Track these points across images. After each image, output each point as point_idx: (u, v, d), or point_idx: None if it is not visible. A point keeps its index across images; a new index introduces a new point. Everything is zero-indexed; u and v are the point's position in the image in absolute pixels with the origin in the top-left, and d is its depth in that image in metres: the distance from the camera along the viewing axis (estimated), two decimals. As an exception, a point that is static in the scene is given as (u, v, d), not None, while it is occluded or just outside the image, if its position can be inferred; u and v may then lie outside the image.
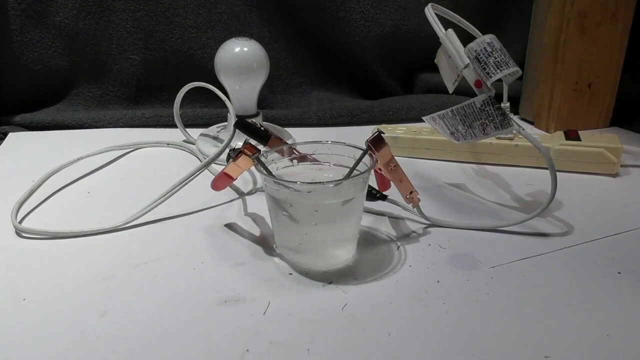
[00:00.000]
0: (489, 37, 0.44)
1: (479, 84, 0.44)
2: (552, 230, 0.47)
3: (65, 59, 0.79)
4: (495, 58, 0.43)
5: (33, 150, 0.68)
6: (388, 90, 0.91)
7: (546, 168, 0.45)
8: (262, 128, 0.51)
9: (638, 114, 0.77)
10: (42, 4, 0.76)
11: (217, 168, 0.51)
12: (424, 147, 0.65)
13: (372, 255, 0.43)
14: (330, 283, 0.39)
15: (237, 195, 0.55)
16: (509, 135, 0.62)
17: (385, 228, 0.48)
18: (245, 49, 0.63)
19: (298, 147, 0.44)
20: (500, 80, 0.44)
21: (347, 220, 0.40)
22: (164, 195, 0.50)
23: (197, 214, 0.50)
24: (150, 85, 0.84)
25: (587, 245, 0.45)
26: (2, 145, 0.70)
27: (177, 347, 0.33)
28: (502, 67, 0.43)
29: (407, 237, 0.46)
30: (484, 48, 0.43)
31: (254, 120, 0.62)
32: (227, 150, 0.56)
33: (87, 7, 0.78)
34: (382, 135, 0.41)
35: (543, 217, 0.49)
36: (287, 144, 0.48)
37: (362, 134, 0.47)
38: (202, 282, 0.39)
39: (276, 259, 0.42)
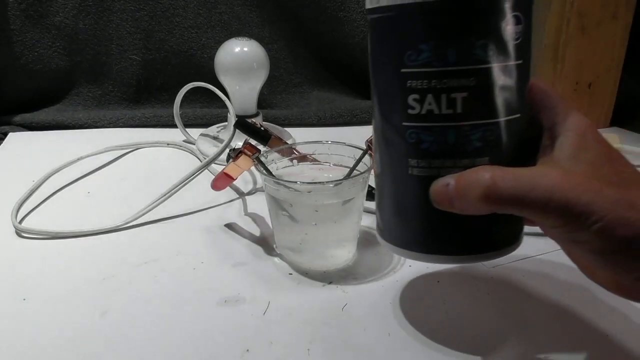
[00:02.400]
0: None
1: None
2: (552, 230, 0.47)
3: (65, 59, 0.80)
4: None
5: (33, 150, 0.68)
6: (388, 90, 0.90)
7: (546, 168, 0.45)
8: (262, 128, 0.51)
9: (638, 114, 0.77)
10: (42, 4, 0.76)
11: (217, 168, 0.51)
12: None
13: (372, 255, 0.43)
14: (330, 283, 0.39)
15: (237, 195, 0.55)
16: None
17: (385, 228, 0.47)
18: (245, 49, 0.63)
19: (298, 147, 0.44)
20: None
21: (347, 220, 0.40)
22: (164, 195, 0.50)
23: (197, 214, 0.50)
24: (150, 85, 0.84)
25: (587, 245, 0.45)
26: (2, 145, 0.70)
27: (178, 347, 0.33)
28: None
29: (407, 237, 0.46)
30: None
31: (254, 120, 0.62)
32: (227, 150, 0.56)
33: (87, 7, 0.78)
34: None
35: (543, 217, 0.49)
36: (287, 144, 0.48)
37: (362, 134, 0.47)
38: (202, 282, 0.39)
39: (276, 259, 0.42)
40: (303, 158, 0.44)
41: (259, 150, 0.42)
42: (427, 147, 0.27)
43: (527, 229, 0.47)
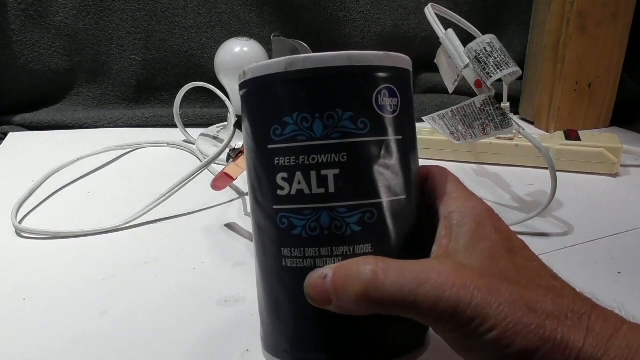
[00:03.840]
0: (489, 37, 0.44)
1: (479, 84, 0.44)
2: (552, 230, 0.47)
3: (65, 59, 0.79)
4: (495, 58, 0.43)
5: (33, 150, 0.68)
6: (388, 90, 0.91)
7: (546, 168, 0.45)
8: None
9: (638, 114, 0.77)
10: (42, 4, 0.76)
11: (217, 168, 0.51)
12: (424, 147, 0.65)
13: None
14: (330, 283, 0.39)
15: (237, 195, 0.55)
16: (509, 135, 0.62)
17: (385, 228, 0.47)
18: (245, 49, 0.63)
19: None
20: (500, 80, 0.44)
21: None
22: (164, 195, 0.50)
23: (197, 214, 0.50)
24: (150, 85, 0.84)
25: (587, 245, 0.45)
26: (2, 145, 0.70)
27: (177, 347, 0.33)
28: (502, 67, 0.43)
29: (407, 237, 0.46)
30: (484, 48, 0.43)
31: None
32: (227, 150, 0.56)
33: (87, 7, 0.78)
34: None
35: (543, 217, 0.49)
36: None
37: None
38: (202, 282, 0.39)
39: (276, 259, 0.42)
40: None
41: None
42: (299, 232, 0.23)
43: (526, 228, 0.47)
